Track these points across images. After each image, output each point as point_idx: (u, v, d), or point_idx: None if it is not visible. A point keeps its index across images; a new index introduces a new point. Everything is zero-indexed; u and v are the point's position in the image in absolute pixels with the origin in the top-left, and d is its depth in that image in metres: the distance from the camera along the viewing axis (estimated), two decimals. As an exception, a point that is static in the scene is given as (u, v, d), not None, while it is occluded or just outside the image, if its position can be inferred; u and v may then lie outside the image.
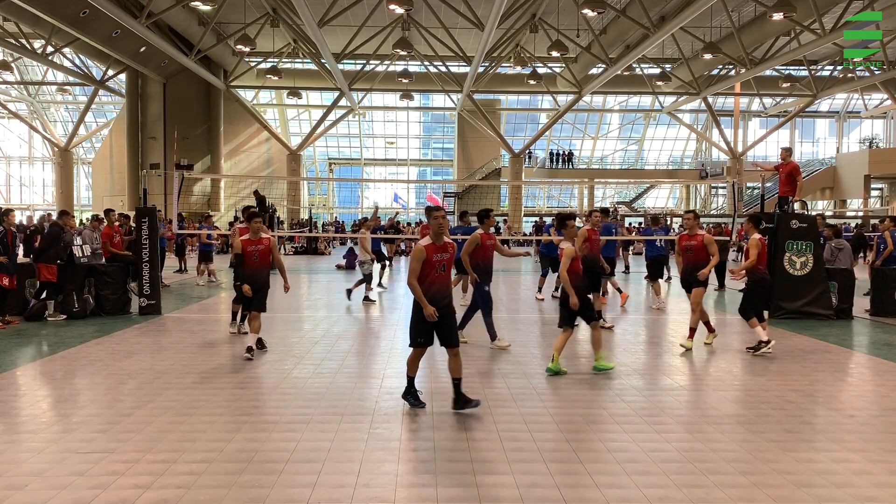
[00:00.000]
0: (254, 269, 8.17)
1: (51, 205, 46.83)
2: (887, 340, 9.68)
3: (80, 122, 42.31)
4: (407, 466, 4.64)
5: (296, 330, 10.17)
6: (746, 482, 4.37)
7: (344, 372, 7.40)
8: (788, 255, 11.44)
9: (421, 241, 5.92)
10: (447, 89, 38.94)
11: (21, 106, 47.10)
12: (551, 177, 44.25)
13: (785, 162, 12.23)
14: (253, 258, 8.19)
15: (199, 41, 30.48)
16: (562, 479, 4.38)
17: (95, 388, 6.67)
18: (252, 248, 8.21)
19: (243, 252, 8.19)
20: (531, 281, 17.71)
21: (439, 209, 5.98)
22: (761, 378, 7.24)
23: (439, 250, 5.83)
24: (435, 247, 5.83)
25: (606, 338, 9.61)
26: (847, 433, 5.41)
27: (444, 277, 5.87)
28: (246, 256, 8.20)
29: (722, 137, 42.23)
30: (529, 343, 9.26)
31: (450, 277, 5.98)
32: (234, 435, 5.19)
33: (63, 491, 4.14)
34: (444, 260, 5.86)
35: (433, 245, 5.82)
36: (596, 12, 23.15)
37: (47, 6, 24.55)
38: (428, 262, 5.77)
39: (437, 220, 5.85)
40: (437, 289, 5.82)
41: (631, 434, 5.34)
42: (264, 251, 8.26)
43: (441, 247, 5.85)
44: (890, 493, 4.26)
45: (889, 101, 41.31)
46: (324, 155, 50.77)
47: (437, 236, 5.85)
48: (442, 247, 5.86)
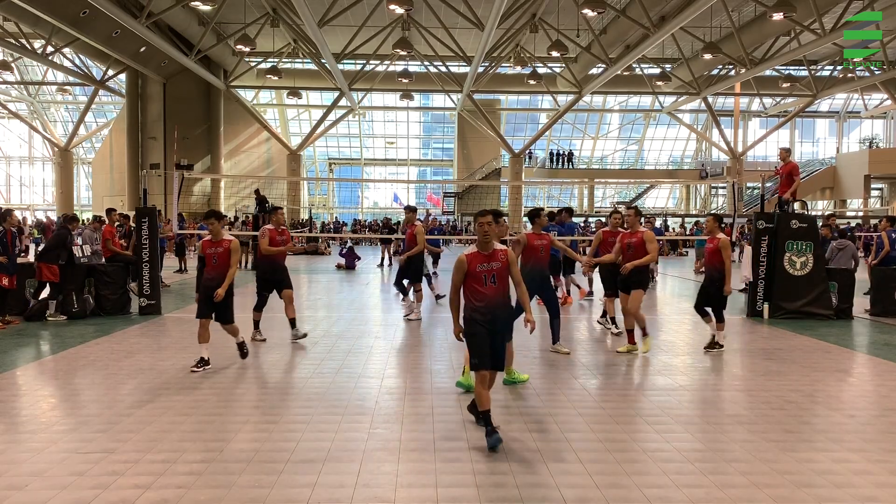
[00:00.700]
0: (213, 274, 7.34)
1: (51, 205, 46.87)
2: (887, 340, 9.68)
3: (80, 122, 42.34)
4: (407, 466, 4.64)
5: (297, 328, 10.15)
6: (746, 482, 4.37)
7: (344, 372, 7.40)
8: (788, 255, 11.44)
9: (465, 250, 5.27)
10: (447, 89, 38.95)
11: (21, 106, 47.12)
12: (551, 177, 44.26)
13: (784, 162, 12.25)
14: (212, 261, 7.35)
15: (199, 41, 30.50)
16: (562, 479, 4.38)
17: (95, 388, 6.66)
18: (212, 250, 7.37)
19: (203, 254, 7.48)
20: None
21: (485, 214, 5.18)
22: (761, 378, 7.23)
23: (485, 259, 5.10)
24: (479, 256, 5.11)
25: (600, 336, 9.61)
26: (847, 433, 5.41)
27: (495, 290, 5.11)
28: (206, 259, 7.44)
29: (722, 137, 42.23)
30: (530, 344, 9.26)
31: (504, 290, 5.18)
32: (234, 435, 5.19)
33: (63, 491, 4.14)
34: (492, 270, 5.09)
35: (477, 254, 5.11)
36: (596, 12, 23.17)
37: (47, 6, 24.56)
38: (471, 274, 5.10)
39: (481, 226, 5.09)
40: (488, 304, 5.10)
41: (630, 434, 5.34)
42: (223, 254, 7.35)
43: (487, 255, 5.11)
44: (890, 493, 4.26)
45: (889, 101, 41.32)
46: (324, 155, 50.79)
47: (482, 244, 5.11)
48: (488, 255, 5.11)
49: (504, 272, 5.14)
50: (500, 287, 5.15)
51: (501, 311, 5.16)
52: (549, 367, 7.80)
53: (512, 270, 5.24)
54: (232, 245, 7.36)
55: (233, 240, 7.43)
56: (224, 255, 7.32)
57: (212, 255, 7.33)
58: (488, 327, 5.07)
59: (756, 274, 11.60)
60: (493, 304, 5.10)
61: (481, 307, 5.08)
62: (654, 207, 49.36)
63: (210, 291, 7.22)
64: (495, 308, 5.11)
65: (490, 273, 5.09)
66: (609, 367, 7.82)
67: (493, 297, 5.11)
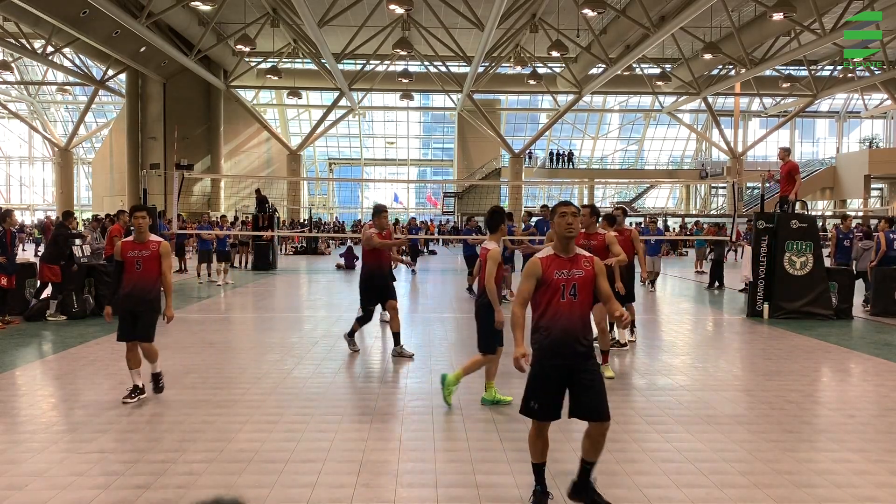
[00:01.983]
0: (134, 282, 6.02)
1: (51, 205, 46.89)
2: (887, 340, 9.68)
3: (80, 122, 42.34)
4: (407, 466, 4.64)
5: (296, 330, 10.16)
6: (746, 482, 4.37)
7: (344, 372, 7.40)
8: (788, 255, 11.44)
9: (540, 250, 4.04)
10: (447, 89, 38.95)
11: (21, 106, 47.13)
12: (551, 177, 44.27)
13: (784, 161, 12.26)
14: (135, 267, 6.01)
15: (199, 41, 30.50)
16: (562, 480, 4.38)
17: (95, 388, 6.66)
18: (134, 253, 6.04)
19: (123, 258, 6.05)
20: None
21: (565, 203, 3.93)
22: (761, 378, 7.23)
23: (565, 265, 3.84)
24: (558, 260, 3.86)
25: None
26: (847, 433, 5.41)
27: (574, 307, 3.80)
28: (126, 265, 6.04)
29: (722, 137, 42.24)
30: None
31: (585, 309, 3.88)
32: (235, 435, 5.19)
33: (63, 491, 4.14)
34: (573, 279, 3.81)
35: (555, 257, 3.86)
36: (596, 12, 23.17)
37: (47, 6, 24.56)
38: (546, 282, 3.82)
39: (563, 216, 3.85)
40: (564, 327, 3.79)
41: (630, 434, 5.34)
42: (150, 258, 6.05)
43: (568, 260, 3.86)
44: (890, 493, 4.26)
45: (889, 101, 41.32)
46: (324, 155, 50.81)
47: (563, 243, 3.88)
48: (569, 260, 3.86)
49: (587, 284, 3.86)
50: (583, 302, 3.85)
51: (580, 339, 3.82)
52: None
53: (599, 283, 3.89)
54: (162, 248, 6.10)
55: (162, 242, 6.17)
56: (151, 259, 6.04)
57: (134, 260, 6.00)
58: (567, 363, 3.80)
59: (756, 274, 11.60)
60: (573, 327, 3.80)
61: (559, 329, 3.79)
62: (654, 207, 49.36)
63: (131, 305, 5.98)
64: (575, 331, 3.80)
65: (570, 282, 3.82)
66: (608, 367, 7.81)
67: (574, 318, 3.81)
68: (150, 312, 6.07)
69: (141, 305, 6.00)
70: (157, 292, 6.15)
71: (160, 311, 6.21)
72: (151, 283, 6.07)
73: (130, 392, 6.07)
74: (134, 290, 5.99)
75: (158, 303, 6.18)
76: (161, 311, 6.22)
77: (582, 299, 3.84)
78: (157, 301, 6.14)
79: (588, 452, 3.89)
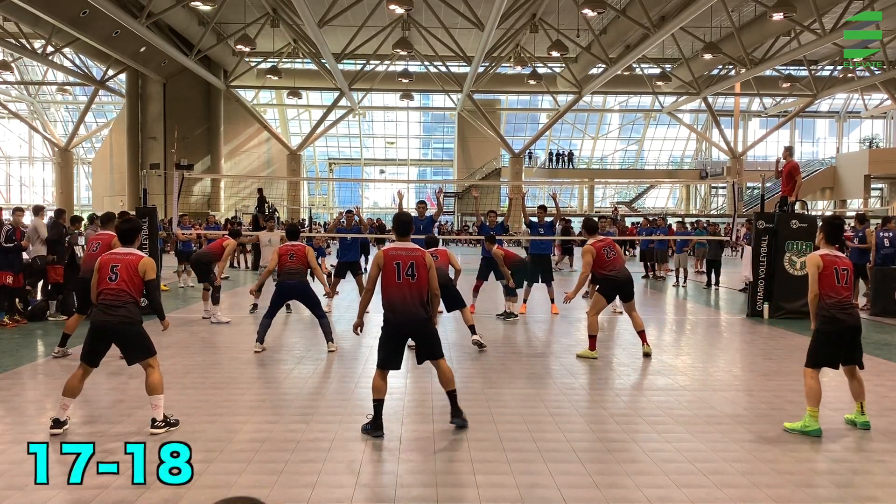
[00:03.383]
0: (115, 291, 5.35)
1: (51, 205, 46.83)
2: (887, 340, 9.68)
3: (80, 122, 42.34)
4: (407, 466, 4.64)
5: (296, 330, 10.16)
6: (746, 482, 4.37)
7: (344, 372, 7.40)
8: (788, 255, 11.44)
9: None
10: (447, 89, 38.95)
11: (21, 106, 47.11)
12: (551, 177, 44.25)
13: (786, 161, 12.25)
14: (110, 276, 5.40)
15: (199, 41, 30.49)
16: (561, 479, 4.38)
17: (96, 388, 6.66)
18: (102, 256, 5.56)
19: (99, 266, 5.46)
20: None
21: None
22: (761, 378, 7.23)
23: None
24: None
25: (606, 336, 9.62)
26: (847, 433, 5.41)
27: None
28: (101, 270, 5.44)
29: (722, 137, 42.23)
30: (531, 344, 9.26)
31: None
32: (235, 435, 5.19)
33: (63, 491, 4.14)
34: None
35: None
36: (596, 12, 23.15)
37: (47, 6, 24.55)
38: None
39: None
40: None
41: (631, 434, 5.34)
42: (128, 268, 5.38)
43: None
44: (890, 493, 4.26)
45: (889, 101, 41.31)
46: (324, 155, 50.79)
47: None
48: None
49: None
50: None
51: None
52: (549, 367, 7.80)
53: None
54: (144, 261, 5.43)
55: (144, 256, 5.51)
56: (129, 269, 5.34)
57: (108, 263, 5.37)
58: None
59: (756, 274, 11.61)
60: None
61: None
62: (654, 207, 49.34)
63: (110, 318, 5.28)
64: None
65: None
66: (609, 367, 7.82)
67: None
68: (140, 329, 5.50)
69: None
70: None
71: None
72: (130, 294, 5.42)
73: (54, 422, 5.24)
74: (114, 298, 5.36)
75: (140, 317, 5.55)
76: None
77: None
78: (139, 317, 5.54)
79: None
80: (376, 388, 5.22)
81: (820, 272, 5.44)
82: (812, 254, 5.63)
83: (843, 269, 5.48)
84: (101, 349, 5.42)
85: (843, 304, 5.41)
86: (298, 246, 8.60)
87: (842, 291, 5.43)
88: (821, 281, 5.43)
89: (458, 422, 5.34)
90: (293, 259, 8.46)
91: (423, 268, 5.29)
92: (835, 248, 5.62)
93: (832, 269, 5.44)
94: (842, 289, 5.43)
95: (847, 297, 5.46)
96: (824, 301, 5.42)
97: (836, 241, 5.68)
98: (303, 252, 8.48)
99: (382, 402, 5.23)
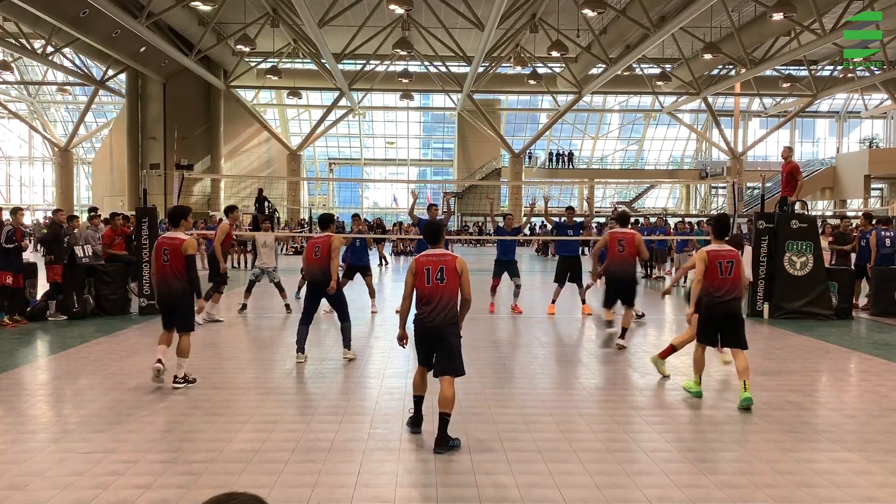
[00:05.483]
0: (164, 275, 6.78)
1: (51, 205, 46.84)
2: (887, 340, 9.68)
3: (80, 122, 42.31)
4: (407, 466, 4.64)
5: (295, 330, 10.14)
6: (746, 482, 4.37)
7: (344, 372, 7.40)
8: (788, 255, 11.44)
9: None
10: (447, 89, 38.94)
11: (21, 106, 47.10)
12: (551, 177, 44.25)
13: (786, 161, 12.25)
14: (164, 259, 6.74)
15: (199, 41, 30.49)
16: (561, 479, 4.38)
17: (95, 388, 6.66)
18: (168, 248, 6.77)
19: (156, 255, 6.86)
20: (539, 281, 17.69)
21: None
22: (761, 378, 7.23)
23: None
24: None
25: (600, 336, 9.61)
26: (847, 433, 5.41)
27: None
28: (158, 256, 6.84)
29: (722, 137, 42.22)
30: (532, 344, 9.26)
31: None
32: (234, 435, 5.19)
33: (63, 491, 4.14)
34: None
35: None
36: (596, 12, 23.15)
37: (47, 6, 24.54)
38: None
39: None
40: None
41: (631, 434, 5.34)
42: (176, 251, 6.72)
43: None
44: (890, 493, 4.26)
45: (889, 101, 41.30)
46: (324, 155, 50.77)
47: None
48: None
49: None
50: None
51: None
52: (548, 367, 7.81)
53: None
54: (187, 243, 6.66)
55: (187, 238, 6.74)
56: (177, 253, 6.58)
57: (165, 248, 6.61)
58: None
59: (756, 274, 11.60)
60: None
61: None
62: (654, 207, 49.34)
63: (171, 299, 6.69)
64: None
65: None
66: (609, 367, 7.82)
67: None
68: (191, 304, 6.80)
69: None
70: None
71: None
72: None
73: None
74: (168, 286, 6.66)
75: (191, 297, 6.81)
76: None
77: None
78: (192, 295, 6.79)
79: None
80: (414, 385, 5.36)
81: (706, 265, 6.23)
82: (701, 249, 6.48)
83: (728, 262, 6.24)
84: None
85: (723, 292, 6.19)
86: (324, 237, 7.71)
87: (725, 283, 6.20)
88: (706, 273, 6.23)
89: (439, 451, 4.82)
90: (318, 254, 7.63)
91: (452, 272, 5.10)
92: (723, 243, 6.38)
93: (716, 262, 6.22)
94: (724, 280, 6.20)
95: (730, 286, 6.21)
96: (707, 289, 6.23)
97: (722, 236, 6.45)
98: (327, 244, 7.62)
99: (421, 398, 5.31)
